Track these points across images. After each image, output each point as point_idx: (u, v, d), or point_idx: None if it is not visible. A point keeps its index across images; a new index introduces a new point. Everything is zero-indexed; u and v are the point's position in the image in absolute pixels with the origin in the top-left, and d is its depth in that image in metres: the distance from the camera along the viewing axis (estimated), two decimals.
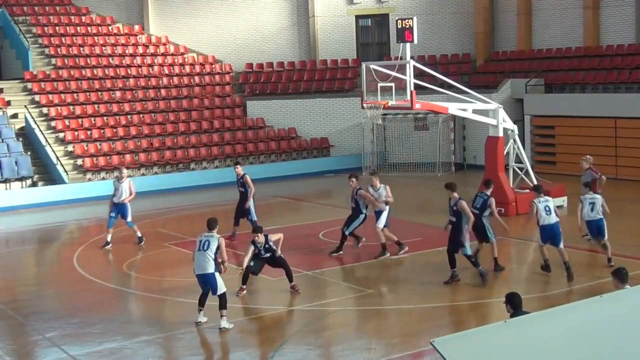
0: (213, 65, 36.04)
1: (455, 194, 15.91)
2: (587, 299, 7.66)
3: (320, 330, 13.64)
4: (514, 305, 9.36)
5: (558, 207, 22.64)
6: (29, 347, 13.44)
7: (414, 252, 18.59)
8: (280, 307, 15.08)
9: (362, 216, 18.29)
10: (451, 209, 15.89)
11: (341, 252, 18.35)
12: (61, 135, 30.08)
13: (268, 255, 15.23)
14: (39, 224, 24.57)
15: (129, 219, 20.02)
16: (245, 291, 15.24)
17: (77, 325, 14.17)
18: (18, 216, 25.58)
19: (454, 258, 15.63)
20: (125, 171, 20.77)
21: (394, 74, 21.06)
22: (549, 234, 15.91)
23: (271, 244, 15.21)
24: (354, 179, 18.41)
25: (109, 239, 19.78)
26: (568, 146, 29.58)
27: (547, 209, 15.96)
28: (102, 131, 30.73)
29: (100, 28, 36.18)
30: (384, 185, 18.20)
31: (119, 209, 19.97)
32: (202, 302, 13.56)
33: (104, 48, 34.84)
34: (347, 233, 18.34)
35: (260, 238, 15.02)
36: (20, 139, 29.21)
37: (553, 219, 15.87)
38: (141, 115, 32.17)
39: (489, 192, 16.94)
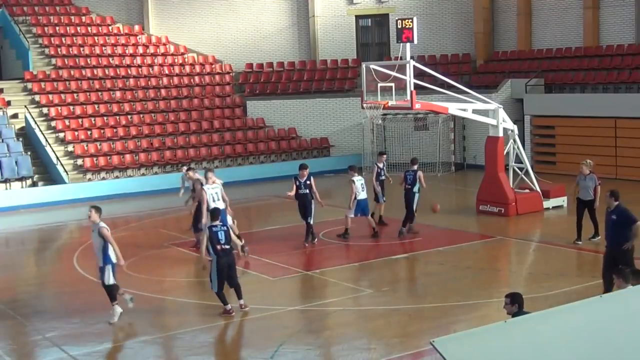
0: (213, 65, 36.04)
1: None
2: (587, 299, 7.66)
3: (320, 330, 13.64)
4: (519, 305, 9.35)
5: (558, 207, 22.75)
6: (29, 347, 13.44)
7: (414, 252, 18.59)
8: (280, 307, 15.08)
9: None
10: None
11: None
12: (61, 135, 30.08)
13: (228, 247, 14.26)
14: (39, 224, 24.57)
15: None
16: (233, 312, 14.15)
17: (77, 325, 14.17)
18: (18, 216, 25.58)
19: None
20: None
21: (394, 74, 21.05)
22: (362, 207, 19.73)
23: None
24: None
25: None
26: (568, 146, 29.59)
27: (362, 186, 19.66)
28: (102, 131, 30.73)
29: (100, 28, 36.19)
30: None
31: None
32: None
33: (104, 48, 34.84)
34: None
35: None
36: (20, 139, 29.21)
37: (365, 194, 19.67)
38: (141, 115, 32.18)
39: (415, 168, 20.23)
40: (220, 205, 17.32)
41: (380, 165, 21.66)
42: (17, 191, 27.12)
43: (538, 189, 22.90)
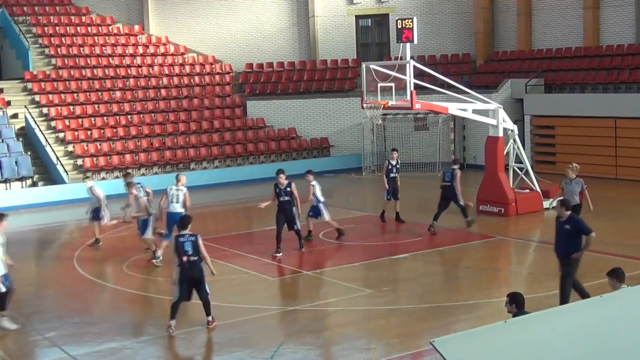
0: (213, 65, 36.04)
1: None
2: (588, 299, 7.66)
3: (320, 330, 13.63)
4: (519, 305, 9.34)
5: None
6: (28, 347, 13.43)
7: (414, 252, 18.59)
8: (280, 307, 15.08)
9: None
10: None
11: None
12: (61, 135, 30.08)
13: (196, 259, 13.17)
14: (39, 224, 24.56)
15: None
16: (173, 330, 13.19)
17: (77, 325, 14.17)
18: (18, 216, 25.53)
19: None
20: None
21: (394, 74, 21.06)
22: (318, 210, 19.45)
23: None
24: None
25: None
26: (568, 146, 29.59)
27: (320, 190, 19.20)
28: (102, 131, 30.73)
29: (100, 28, 36.19)
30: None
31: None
32: None
33: (104, 48, 34.84)
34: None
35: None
36: (20, 139, 29.21)
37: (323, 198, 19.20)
38: (141, 115, 32.18)
39: (455, 167, 20.35)
40: (179, 208, 17.24)
41: (393, 162, 21.69)
42: (17, 191, 27.11)
43: (538, 189, 22.90)
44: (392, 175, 21.54)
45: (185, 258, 12.97)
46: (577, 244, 13.00)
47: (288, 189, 18.42)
